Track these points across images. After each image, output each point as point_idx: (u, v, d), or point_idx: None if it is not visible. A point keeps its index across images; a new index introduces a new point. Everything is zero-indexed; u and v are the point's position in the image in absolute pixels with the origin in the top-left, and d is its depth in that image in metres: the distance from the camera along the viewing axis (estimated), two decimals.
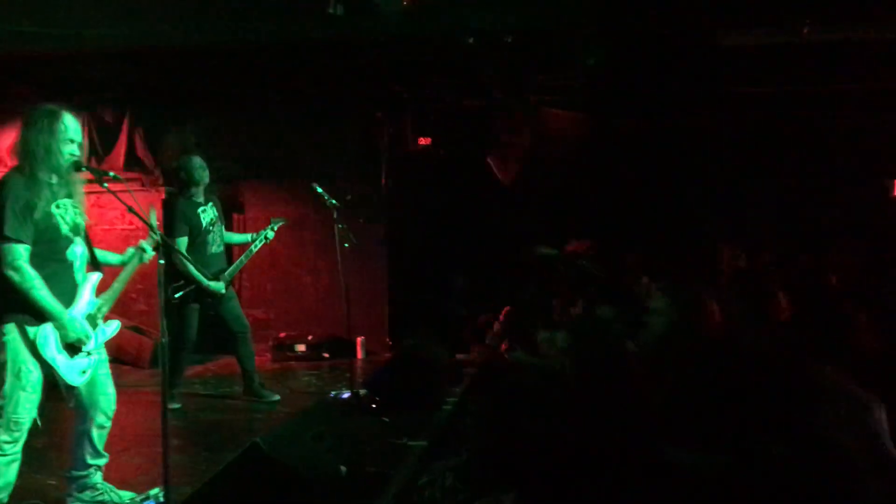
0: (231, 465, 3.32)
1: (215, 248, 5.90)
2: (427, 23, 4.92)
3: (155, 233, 3.79)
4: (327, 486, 3.47)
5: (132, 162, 7.81)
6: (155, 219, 3.88)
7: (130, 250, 4.03)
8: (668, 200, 8.09)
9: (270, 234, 5.97)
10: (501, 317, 7.11)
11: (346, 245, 5.91)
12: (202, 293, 5.71)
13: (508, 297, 7.28)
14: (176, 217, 5.70)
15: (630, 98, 7.28)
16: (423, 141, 7.69)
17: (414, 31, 5.00)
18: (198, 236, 5.76)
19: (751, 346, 3.48)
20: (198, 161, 5.83)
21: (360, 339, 7.65)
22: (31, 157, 3.67)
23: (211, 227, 5.84)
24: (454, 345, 7.06)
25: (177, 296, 5.56)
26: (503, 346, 6.74)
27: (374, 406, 5.55)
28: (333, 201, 5.89)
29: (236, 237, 6.32)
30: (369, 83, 6.87)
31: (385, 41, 5.12)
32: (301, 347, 7.61)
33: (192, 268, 5.49)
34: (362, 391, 5.77)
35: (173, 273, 5.42)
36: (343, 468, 3.71)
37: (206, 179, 5.85)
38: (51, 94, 3.84)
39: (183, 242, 5.65)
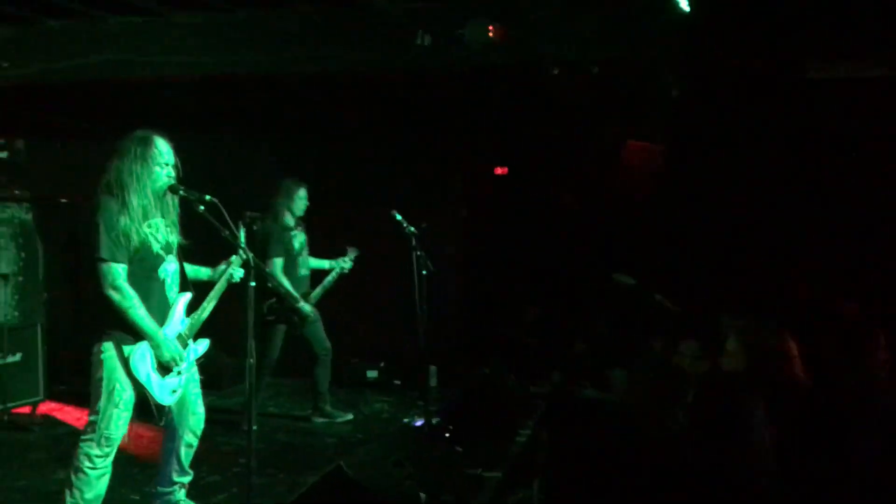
0: (314, 487, 3.33)
1: (304, 271, 6.12)
2: (512, 53, 4.94)
3: (246, 254, 3.87)
4: None
5: None
6: (244, 240, 3.98)
7: (221, 266, 4.11)
8: (747, 234, 7.90)
9: (348, 265, 6.19)
10: (573, 352, 7.04)
11: (424, 273, 5.92)
12: (290, 314, 5.92)
13: (581, 329, 7.20)
14: (272, 240, 5.89)
15: (712, 131, 7.17)
16: (499, 170, 7.70)
17: (498, 62, 5.01)
18: (289, 259, 5.97)
19: (849, 389, 3.36)
20: (303, 192, 6.08)
21: (432, 368, 7.64)
22: (124, 183, 3.78)
23: (301, 251, 6.07)
24: (527, 376, 6.99)
25: (269, 315, 5.81)
26: (573, 381, 6.67)
27: (447, 435, 5.51)
28: (412, 228, 5.93)
29: (318, 263, 6.41)
30: (450, 112, 6.92)
31: (469, 71, 5.15)
32: (372, 373, 7.64)
33: (288, 287, 5.78)
34: (435, 420, 5.74)
35: (266, 292, 5.63)
36: (423, 495, 3.68)
37: (304, 209, 6.10)
38: (143, 122, 3.95)
39: (279, 264, 5.87)
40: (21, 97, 6.64)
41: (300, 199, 6.07)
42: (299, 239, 6.10)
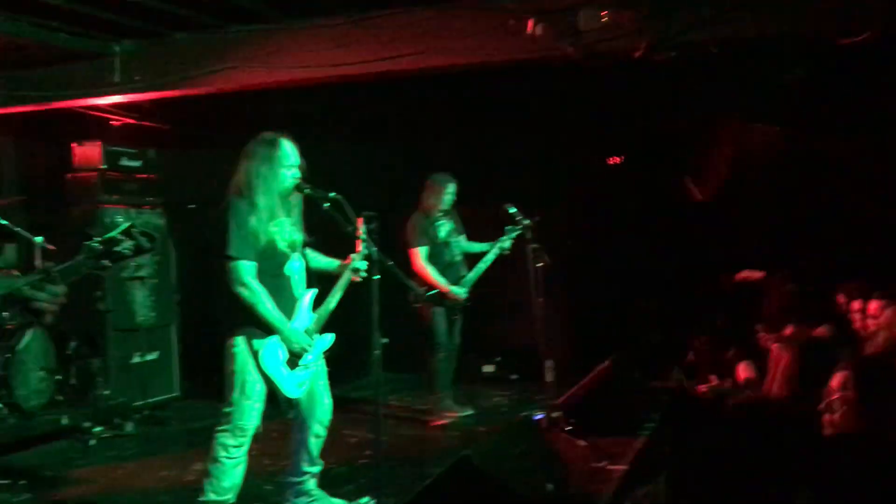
0: (441, 477, 3.36)
1: (454, 257, 6.29)
2: (633, 37, 4.81)
3: (369, 248, 3.95)
4: (536, 503, 3.44)
5: None
6: (366, 233, 4.06)
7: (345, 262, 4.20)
8: (871, 221, 7.46)
9: (507, 244, 6.18)
10: (695, 346, 6.83)
11: (539, 265, 5.89)
12: (442, 298, 6.12)
13: (702, 323, 6.98)
14: (416, 231, 6.15)
15: (836, 115, 6.81)
16: (613, 160, 7.57)
17: (619, 47, 4.89)
18: (435, 247, 6.17)
19: None
20: (452, 186, 6.23)
21: (547, 362, 7.58)
22: (252, 185, 3.93)
23: (449, 239, 6.23)
24: (648, 370, 6.84)
25: (429, 294, 6.03)
26: (698, 376, 6.48)
27: (569, 428, 5.46)
28: (527, 221, 5.92)
29: (475, 246, 6.48)
30: (559, 103, 6.84)
31: (582, 59, 5.06)
32: (489, 368, 7.65)
33: (434, 274, 6.05)
34: (555, 413, 5.70)
35: (418, 280, 5.97)
36: (550, 486, 3.66)
37: (450, 203, 6.26)
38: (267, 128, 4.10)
39: (423, 252, 6.11)
40: (152, 109, 7.03)
41: (448, 194, 6.21)
42: (446, 227, 6.26)
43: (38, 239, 5.68)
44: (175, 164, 7.53)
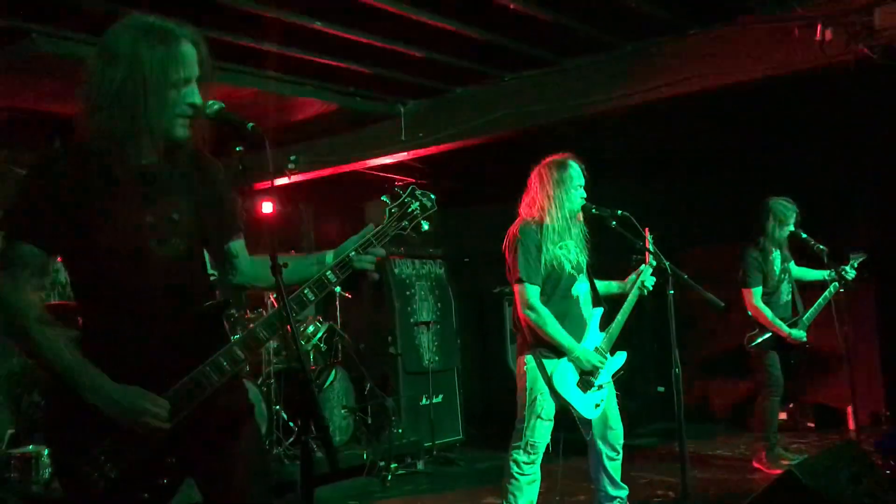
0: (766, 491, 3.14)
1: (785, 296, 5.71)
2: None
3: (661, 261, 3.88)
4: None
5: None
6: (653, 246, 4.00)
7: (631, 278, 4.17)
8: None
9: (850, 274, 5.46)
10: None
11: (842, 290, 5.41)
12: (780, 340, 5.56)
13: None
14: (751, 268, 5.57)
15: None
16: None
17: None
18: (770, 285, 5.62)
19: None
20: (793, 213, 5.59)
21: (849, 408, 6.90)
22: (543, 206, 4.02)
23: (782, 276, 5.68)
24: None
25: (754, 343, 5.56)
26: None
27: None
28: (820, 246, 5.47)
29: (811, 273, 5.86)
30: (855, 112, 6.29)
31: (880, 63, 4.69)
32: (782, 415, 7.08)
33: (770, 316, 5.49)
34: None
35: (747, 322, 5.55)
36: None
37: (786, 236, 5.62)
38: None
39: (758, 292, 5.56)
40: (427, 170, 7.53)
41: (789, 223, 5.56)
42: (778, 263, 5.66)
43: (336, 288, 6.25)
44: (453, 220, 7.96)
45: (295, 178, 7.02)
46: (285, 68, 5.54)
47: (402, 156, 6.66)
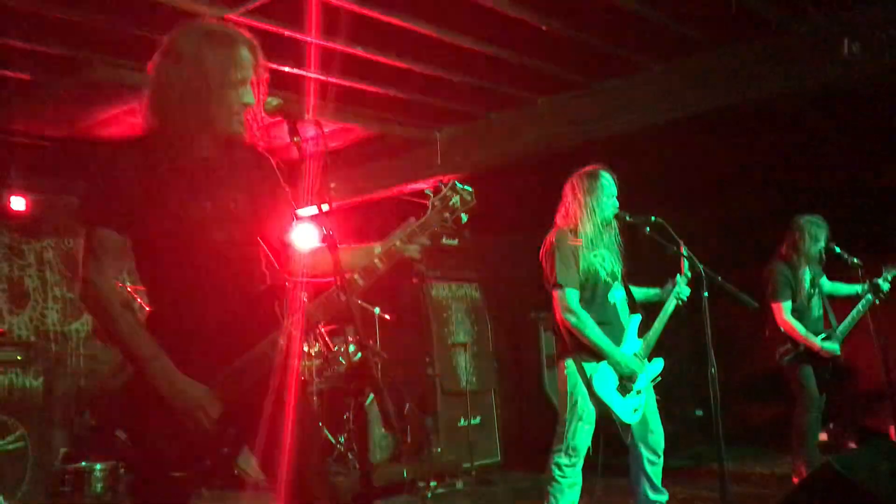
0: (804, 483, 3.18)
1: (816, 311, 5.64)
2: None
3: (696, 265, 3.97)
4: None
5: None
6: (687, 251, 4.08)
7: (668, 286, 4.25)
8: None
9: (885, 286, 5.42)
10: None
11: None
12: (814, 355, 5.50)
13: None
14: (779, 283, 5.55)
15: None
16: None
17: None
18: (800, 301, 5.57)
19: None
20: (825, 233, 5.58)
21: (892, 428, 6.82)
22: (577, 215, 4.16)
23: (812, 291, 5.62)
24: None
25: (787, 359, 5.52)
26: None
27: None
28: (854, 259, 5.50)
29: (843, 288, 5.82)
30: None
31: None
32: (822, 436, 7.03)
33: (802, 331, 5.44)
34: None
35: (780, 337, 5.51)
36: None
37: (817, 253, 5.60)
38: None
39: (787, 306, 5.52)
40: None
41: (819, 241, 5.53)
42: (807, 277, 5.60)
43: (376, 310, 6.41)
44: (488, 246, 8.09)
45: (336, 205, 7.21)
46: (325, 94, 5.73)
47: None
